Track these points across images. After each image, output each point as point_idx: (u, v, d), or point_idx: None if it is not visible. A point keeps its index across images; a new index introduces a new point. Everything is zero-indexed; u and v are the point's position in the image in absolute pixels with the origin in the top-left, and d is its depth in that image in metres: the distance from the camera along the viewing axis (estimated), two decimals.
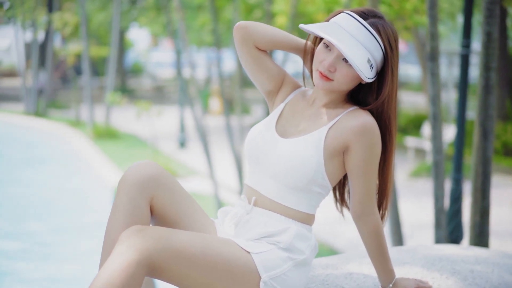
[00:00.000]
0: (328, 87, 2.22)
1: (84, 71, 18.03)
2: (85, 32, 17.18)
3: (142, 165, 2.16)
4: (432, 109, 4.60)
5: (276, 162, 2.21)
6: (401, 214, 9.03)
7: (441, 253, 2.63)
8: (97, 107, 19.91)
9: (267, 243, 2.17)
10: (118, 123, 18.55)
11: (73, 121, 18.86)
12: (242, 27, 2.31)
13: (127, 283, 1.88)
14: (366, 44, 2.17)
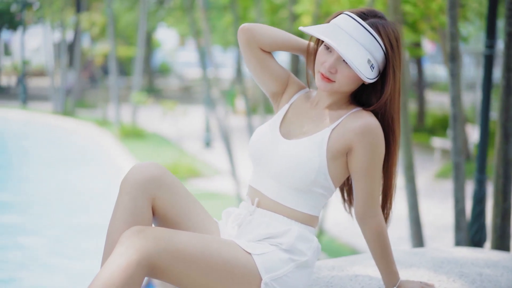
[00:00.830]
0: (330, 88, 2.21)
1: (111, 71, 18.17)
2: (112, 32, 17.30)
3: (144, 166, 2.17)
4: (452, 110, 4.56)
5: (279, 163, 2.21)
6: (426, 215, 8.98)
7: (451, 255, 2.60)
8: (124, 106, 20.04)
9: (269, 244, 2.17)
10: (145, 122, 18.66)
11: (100, 120, 19.01)
12: (246, 30, 2.32)
13: (127, 283, 1.89)
14: (366, 45, 2.16)
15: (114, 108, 17.44)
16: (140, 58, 17.03)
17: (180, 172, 11.47)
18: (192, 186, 10.81)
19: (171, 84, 33.98)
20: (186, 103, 22.63)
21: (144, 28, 17.11)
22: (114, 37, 17.44)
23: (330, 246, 8.05)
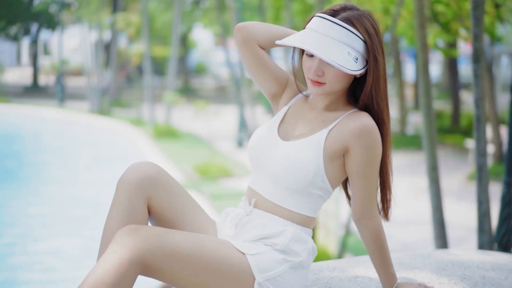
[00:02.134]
0: (322, 91, 2.21)
1: (145, 71, 18.34)
2: (147, 32, 17.46)
3: (140, 165, 2.20)
4: (476, 112, 4.52)
5: (276, 165, 2.22)
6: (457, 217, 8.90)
7: (457, 258, 2.59)
8: (159, 106, 20.20)
9: (263, 244, 2.18)
10: (179, 122, 18.79)
11: (135, 120, 19.20)
12: (242, 27, 2.34)
13: (119, 281, 1.91)
14: (342, 39, 2.15)
15: (148, 107, 17.61)
16: (174, 58, 17.15)
17: (211, 172, 11.52)
18: (224, 185, 10.85)
19: (206, 84, 34.15)
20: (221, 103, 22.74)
21: (179, 28, 17.22)
22: (149, 37, 17.58)
23: (357, 247, 8.01)
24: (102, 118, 19.98)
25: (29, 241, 7.76)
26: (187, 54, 33.41)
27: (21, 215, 8.93)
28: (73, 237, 8.10)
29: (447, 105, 21.23)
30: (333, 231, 7.58)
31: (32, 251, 7.36)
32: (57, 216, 8.99)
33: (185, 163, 12.40)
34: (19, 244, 7.63)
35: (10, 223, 8.49)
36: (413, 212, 9.59)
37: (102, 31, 22.97)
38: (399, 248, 7.99)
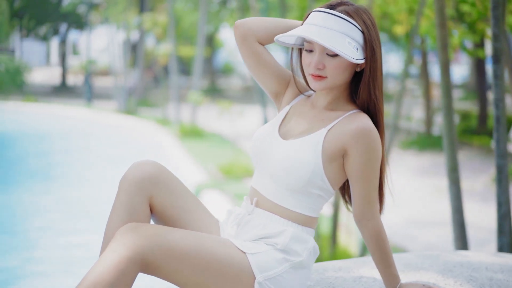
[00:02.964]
0: (324, 85, 2.21)
1: (171, 71, 18.42)
2: (173, 32, 17.53)
3: (142, 164, 2.22)
4: (495, 112, 4.48)
5: (276, 164, 2.22)
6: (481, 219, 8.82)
7: (466, 259, 2.57)
8: (185, 106, 20.28)
9: (264, 244, 2.18)
10: (205, 122, 18.85)
11: (161, 119, 19.30)
12: (240, 24, 2.35)
13: (118, 279, 1.93)
14: (341, 29, 2.17)
15: (174, 107, 17.69)
16: (200, 58, 17.20)
17: (236, 172, 11.54)
18: (247, 185, 10.88)
19: (233, 84, 34.20)
20: (247, 103, 22.75)
21: (204, 28, 17.27)
22: (175, 38, 17.66)
23: None
24: (128, 118, 20.12)
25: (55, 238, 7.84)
26: (214, 54, 33.50)
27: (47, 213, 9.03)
28: (97, 234, 8.16)
29: (475, 106, 21.04)
30: (355, 232, 7.55)
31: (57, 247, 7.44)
32: (83, 213, 9.07)
33: (209, 162, 12.44)
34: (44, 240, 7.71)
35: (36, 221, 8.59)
36: (437, 213, 9.52)
37: (129, 31, 23.12)
38: (421, 249, 7.94)
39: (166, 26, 20.40)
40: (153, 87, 29.50)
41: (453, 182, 5.52)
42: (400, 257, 2.62)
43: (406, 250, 7.97)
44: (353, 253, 7.49)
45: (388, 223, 9.07)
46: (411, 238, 8.50)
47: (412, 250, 7.83)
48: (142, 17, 21.56)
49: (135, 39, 27.83)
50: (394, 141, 16.24)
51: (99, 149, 15.33)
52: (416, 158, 14.32)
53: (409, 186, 11.47)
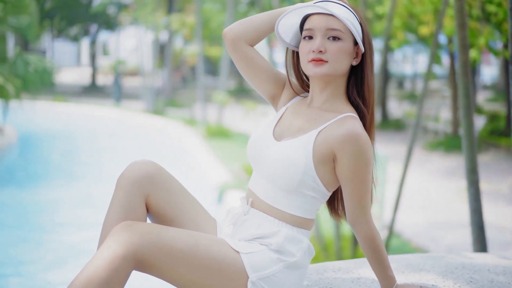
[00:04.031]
0: (324, 70, 2.21)
1: (198, 71, 18.50)
2: (200, 33, 17.61)
3: (139, 163, 2.25)
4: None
5: (269, 165, 2.23)
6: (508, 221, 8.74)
7: (470, 261, 2.56)
8: (212, 106, 20.36)
9: (259, 244, 2.19)
10: (231, 122, 18.90)
11: (188, 119, 19.40)
12: (228, 31, 2.36)
13: (112, 276, 1.96)
14: (344, 15, 2.21)
15: (201, 107, 17.78)
16: (226, 59, 17.25)
17: None
18: None
19: None
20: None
21: None
22: (204, 38, 17.73)
23: (401, 248, 7.95)
24: (155, 118, 20.25)
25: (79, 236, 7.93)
26: None
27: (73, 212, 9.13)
28: None
29: (503, 107, 20.81)
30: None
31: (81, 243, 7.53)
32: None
33: (234, 162, 12.47)
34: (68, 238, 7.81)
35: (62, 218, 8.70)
36: (461, 215, 9.45)
37: (157, 32, 23.25)
38: (443, 251, 7.89)
39: (194, 27, 20.50)
40: (181, 88, 29.64)
41: (472, 184, 5.48)
42: (402, 258, 2.62)
43: (428, 252, 7.92)
44: None
45: (412, 224, 9.02)
46: (434, 239, 8.45)
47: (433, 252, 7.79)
48: (170, 18, 21.68)
49: (164, 39, 27.99)
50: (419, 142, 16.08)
51: (126, 148, 15.46)
52: (442, 159, 14.22)
53: (434, 188, 11.39)
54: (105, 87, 30.95)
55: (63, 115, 21.29)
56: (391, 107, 22.34)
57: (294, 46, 2.35)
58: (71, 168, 12.82)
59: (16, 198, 10.42)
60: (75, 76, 36.34)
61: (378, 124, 19.21)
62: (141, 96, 24.13)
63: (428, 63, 6.10)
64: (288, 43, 2.34)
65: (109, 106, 23.23)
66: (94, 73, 31.33)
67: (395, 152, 12.35)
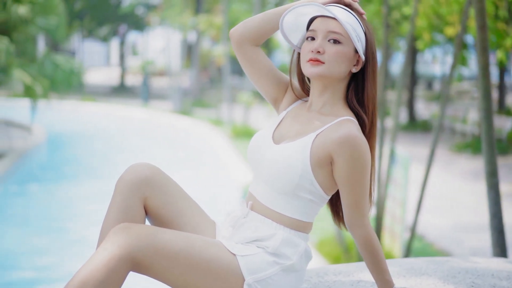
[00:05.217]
0: (320, 71, 2.21)
1: (224, 72, 18.56)
2: (227, 33, 17.66)
3: (137, 166, 2.26)
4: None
5: (267, 168, 2.24)
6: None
7: (474, 266, 2.54)
8: (238, 106, 20.42)
9: (256, 247, 2.20)
10: (257, 122, 18.92)
11: (214, 119, 19.47)
12: (233, 32, 2.37)
13: (108, 277, 1.98)
14: (348, 20, 2.21)
15: (227, 108, 17.83)
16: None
17: None
18: None
19: None
20: None
21: None
22: (228, 39, 17.79)
23: (424, 250, 7.90)
24: (182, 118, 20.35)
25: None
26: (270, 55, 33.55)
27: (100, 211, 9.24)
28: None
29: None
30: (399, 235, 7.49)
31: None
32: None
33: None
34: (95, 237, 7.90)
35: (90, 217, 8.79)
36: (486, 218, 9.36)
37: (185, 33, 23.37)
38: (466, 254, 7.82)
39: (221, 27, 20.56)
40: (209, 88, 29.75)
41: (491, 187, 5.43)
42: (405, 262, 2.61)
43: (450, 255, 7.87)
44: (397, 256, 7.42)
45: (436, 227, 8.96)
46: (457, 242, 8.39)
47: (455, 255, 7.73)
48: (197, 18, 21.77)
49: (192, 40, 28.12)
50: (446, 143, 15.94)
51: (152, 148, 15.55)
52: (469, 161, 14.09)
53: (460, 190, 11.29)
54: (134, 87, 31.17)
55: (91, 115, 21.50)
56: (419, 108, 22.18)
57: (300, 47, 2.36)
58: (98, 167, 12.95)
59: (45, 196, 10.57)
60: (104, 76, 36.67)
61: (405, 125, 19.07)
62: (169, 96, 24.27)
63: (451, 65, 6.05)
64: (293, 43, 2.35)
65: (137, 106, 23.40)
66: (123, 74, 31.58)
67: (421, 154, 12.26)
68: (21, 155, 12.65)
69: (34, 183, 11.59)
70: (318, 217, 2.42)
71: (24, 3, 12.18)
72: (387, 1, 7.60)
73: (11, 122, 16.39)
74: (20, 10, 11.79)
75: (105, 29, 31.47)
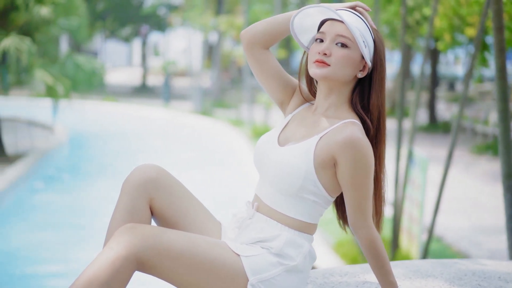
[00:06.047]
0: (325, 73, 2.24)
1: (244, 72, 18.59)
2: None
3: (143, 167, 2.30)
4: None
5: (271, 170, 2.27)
6: None
7: (481, 268, 2.54)
8: (259, 107, 20.45)
9: (260, 247, 2.23)
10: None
11: (234, 120, 19.50)
12: (245, 33, 2.41)
13: (113, 276, 2.01)
14: (358, 26, 2.24)
15: (247, 108, 17.87)
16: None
17: None
18: None
19: None
20: None
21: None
22: None
23: (442, 252, 7.87)
24: (203, 118, 20.42)
25: None
26: (291, 56, 33.54)
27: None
28: None
29: None
30: (416, 236, 7.47)
31: None
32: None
33: None
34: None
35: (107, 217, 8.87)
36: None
37: (207, 33, 23.43)
38: (484, 257, 7.78)
39: (242, 28, 20.61)
40: (230, 88, 29.82)
41: (508, 190, 5.40)
42: (411, 263, 2.62)
43: (468, 257, 7.83)
44: (415, 258, 7.39)
45: (455, 229, 8.92)
46: (476, 244, 8.34)
47: (472, 257, 7.69)
48: (218, 19, 21.84)
49: (213, 40, 28.21)
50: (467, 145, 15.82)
51: (171, 148, 15.62)
52: (490, 163, 14.00)
53: (481, 192, 11.23)
54: (155, 87, 31.32)
55: (112, 115, 21.63)
56: (440, 109, 22.05)
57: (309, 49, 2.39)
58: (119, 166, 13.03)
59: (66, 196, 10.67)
60: (126, 77, 36.87)
61: (426, 126, 18.97)
62: (190, 96, 24.36)
63: (469, 66, 6.03)
64: (303, 44, 2.37)
65: (158, 106, 23.51)
66: (145, 74, 31.74)
67: (441, 155, 12.20)
68: (43, 155, 12.78)
69: (56, 183, 11.70)
70: (335, 218, 2.45)
71: (46, 4, 12.29)
72: (405, 2, 7.59)
73: (34, 122, 16.56)
74: (42, 11, 11.89)
75: (127, 30, 31.66)
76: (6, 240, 8.33)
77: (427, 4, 12.06)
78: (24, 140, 14.01)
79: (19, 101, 18.16)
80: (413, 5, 14.38)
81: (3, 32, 11.53)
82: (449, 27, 12.21)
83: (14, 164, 11.22)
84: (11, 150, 12.49)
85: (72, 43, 29.41)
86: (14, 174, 10.31)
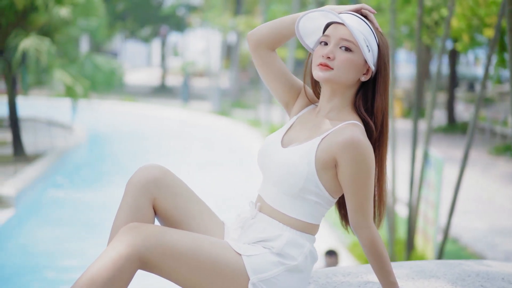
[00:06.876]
0: (328, 76, 2.25)
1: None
2: None
3: (147, 168, 2.33)
4: None
5: (274, 171, 2.29)
6: None
7: (485, 269, 2.54)
8: (276, 107, 20.46)
9: (262, 247, 2.25)
10: None
11: (252, 120, 19.54)
12: (251, 34, 2.43)
13: (116, 275, 2.05)
14: (362, 29, 2.25)
15: (264, 108, 17.90)
16: (291, 60, 17.31)
17: None
18: None
19: None
20: None
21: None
22: None
23: (457, 253, 7.86)
24: (221, 119, 20.48)
25: None
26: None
27: None
28: None
29: None
30: (431, 237, 7.45)
31: None
32: None
33: None
34: None
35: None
36: None
37: (225, 34, 23.49)
38: (500, 258, 7.75)
39: None
40: (248, 89, 29.86)
41: None
42: (415, 264, 2.63)
43: (483, 258, 7.80)
44: (430, 259, 7.38)
45: (471, 230, 8.89)
46: (492, 246, 8.31)
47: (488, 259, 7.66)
48: (236, 19, 21.88)
49: (232, 41, 28.27)
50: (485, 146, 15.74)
51: (189, 148, 15.68)
52: (508, 164, 13.91)
53: (498, 193, 11.18)
54: (174, 87, 31.44)
55: (131, 115, 21.74)
56: (459, 110, 21.95)
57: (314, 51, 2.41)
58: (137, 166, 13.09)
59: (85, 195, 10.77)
60: (145, 77, 37.04)
61: (445, 127, 18.89)
62: (208, 97, 24.43)
63: (485, 67, 6.01)
64: (309, 46, 2.40)
65: (176, 107, 23.60)
66: (164, 74, 31.87)
67: (459, 156, 12.15)
68: (62, 154, 12.89)
69: (74, 181, 11.80)
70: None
71: (66, 5, 12.39)
72: (422, 3, 7.57)
73: (53, 121, 16.70)
74: (62, 11, 11.99)
75: (147, 30, 31.81)
76: (26, 237, 8.44)
77: (446, 5, 12.02)
78: (43, 139, 14.14)
79: (39, 101, 18.31)
80: (432, 5, 14.35)
81: (23, 32, 11.64)
82: (468, 28, 12.15)
83: (33, 163, 11.34)
84: (31, 150, 12.62)
85: (92, 44, 29.59)
86: (33, 173, 10.43)
